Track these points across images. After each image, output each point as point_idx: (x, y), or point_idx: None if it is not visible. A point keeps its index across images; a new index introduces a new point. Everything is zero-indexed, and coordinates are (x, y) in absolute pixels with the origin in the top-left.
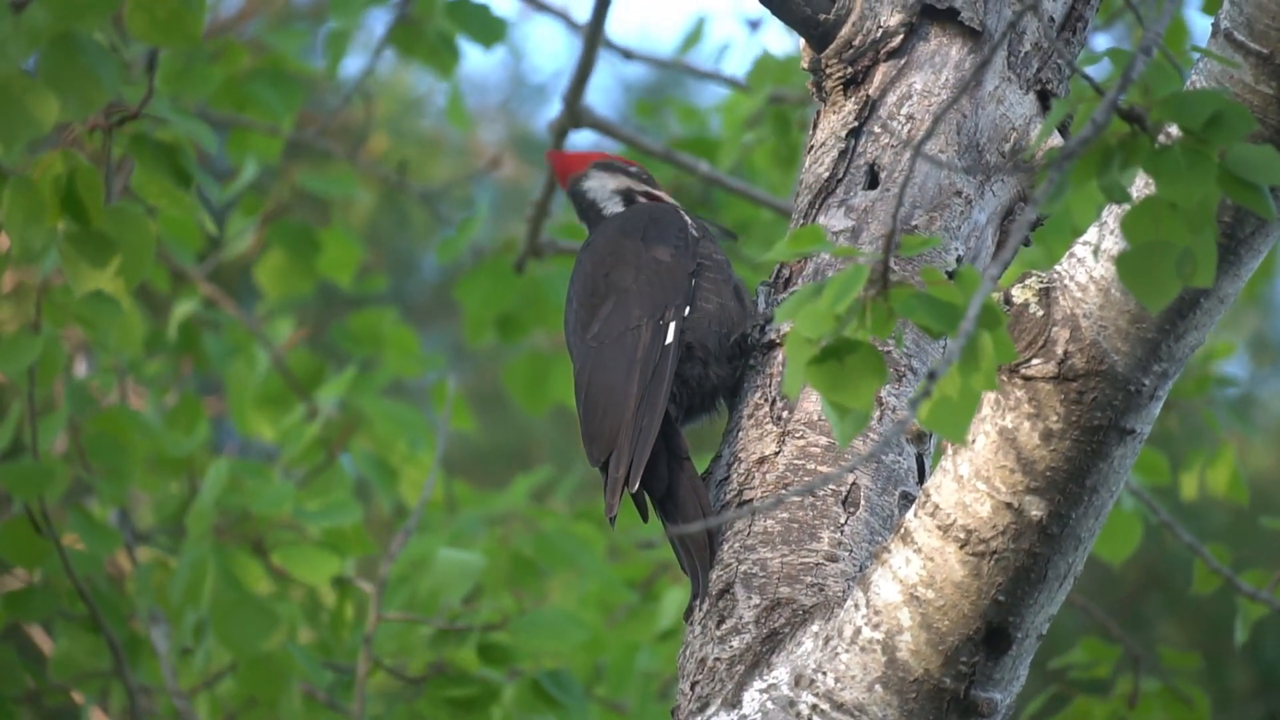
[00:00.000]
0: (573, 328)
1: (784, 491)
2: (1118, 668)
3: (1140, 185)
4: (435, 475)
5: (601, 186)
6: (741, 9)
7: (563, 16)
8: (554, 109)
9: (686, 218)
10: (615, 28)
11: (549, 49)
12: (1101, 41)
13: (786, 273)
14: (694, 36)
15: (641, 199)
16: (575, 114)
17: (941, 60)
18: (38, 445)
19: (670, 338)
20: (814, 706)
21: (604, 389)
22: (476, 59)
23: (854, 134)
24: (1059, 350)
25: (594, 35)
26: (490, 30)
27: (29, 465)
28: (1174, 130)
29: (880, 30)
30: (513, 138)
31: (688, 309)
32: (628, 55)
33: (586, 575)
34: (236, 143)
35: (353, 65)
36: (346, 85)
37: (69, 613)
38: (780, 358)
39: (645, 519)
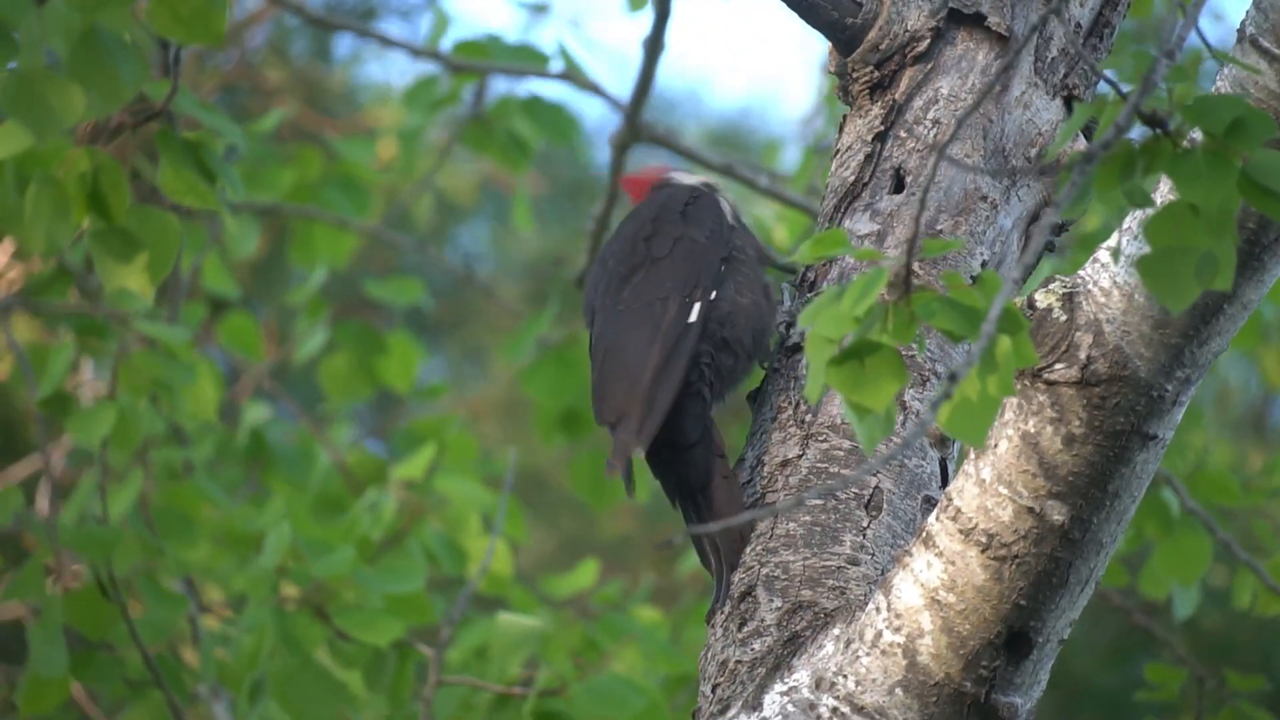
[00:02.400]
0: (602, 289)
1: (805, 493)
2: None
3: (1165, 190)
4: (493, 546)
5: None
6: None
7: (604, 94)
8: (592, 153)
9: (725, 205)
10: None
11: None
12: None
13: (811, 275)
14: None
15: None
16: (636, 128)
17: (968, 65)
18: (107, 510)
19: (694, 317)
20: (834, 709)
21: (625, 352)
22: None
23: (880, 138)
24: (1082, 355)
25: (654, 49)
26: (562, 129)
27: (97, 529)
28: (1197, 136)
29: (907, 34)
30: (545, 184)
31: (714, 293)
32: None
33: (651, 658)
34: (303, 244)
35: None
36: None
37: (133, 680)
38: (804, 361)
39: (674, 505)
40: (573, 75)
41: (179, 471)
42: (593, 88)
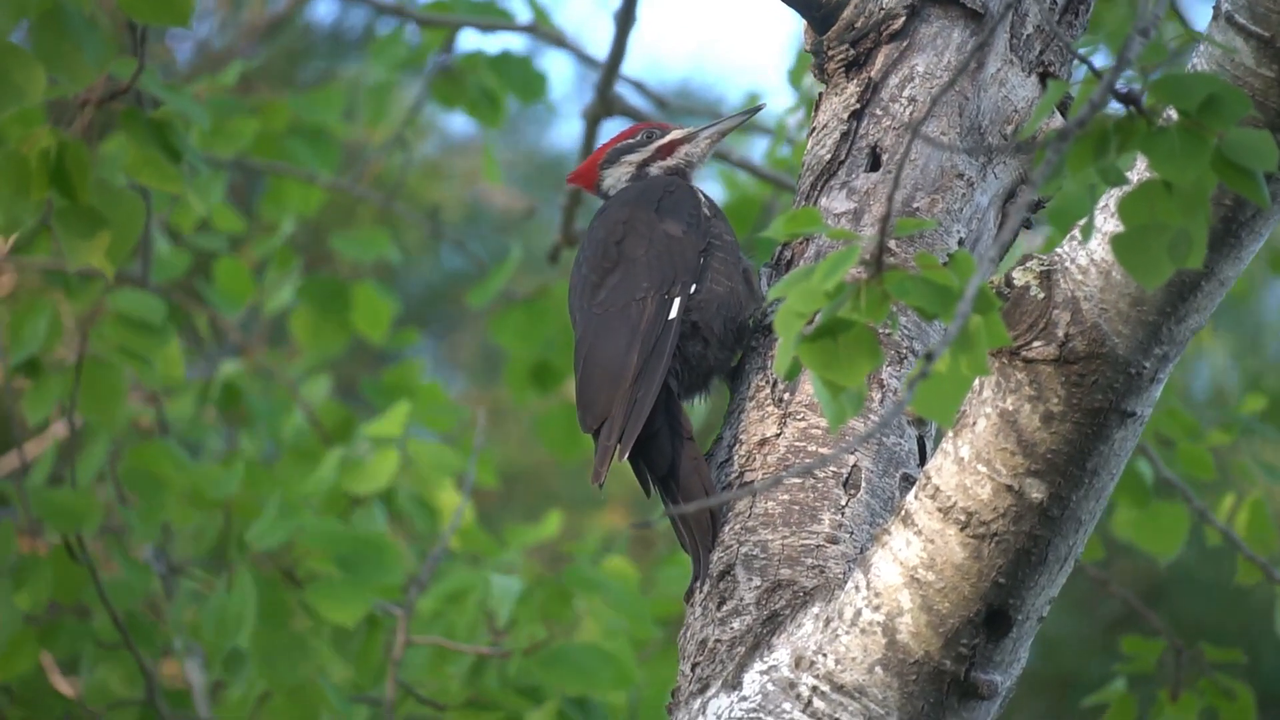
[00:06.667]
0: (579, 293)
1: (783, 472)
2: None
3: (1141, 168)
4: (464, 507)
5: (616, 180)
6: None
7: (576, 52)
8: (563, 128)
9: (701, 195)
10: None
11: (556, 71)
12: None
13: (789, 255)
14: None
15: (654, 168)
16: (607, 102)
17: (944, 43)
18: (75, 476)
19: (674, 313)
20: (814, 688)
21: (604, 357)
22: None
23: (856, 116)
24: (1060, 333)
25: (624, 22)
26: (531, 86)
27: (66, 495)
28: (1172, 114)
29: (882, 12)
30: (518, 159)
31: (694, 286)
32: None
33: (618, 608)
34: (274, 196)
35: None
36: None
37: (104, 641)
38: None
39: (648, 494)
40: (539, 29)
41: (152, 431)
42: (558, 41)
